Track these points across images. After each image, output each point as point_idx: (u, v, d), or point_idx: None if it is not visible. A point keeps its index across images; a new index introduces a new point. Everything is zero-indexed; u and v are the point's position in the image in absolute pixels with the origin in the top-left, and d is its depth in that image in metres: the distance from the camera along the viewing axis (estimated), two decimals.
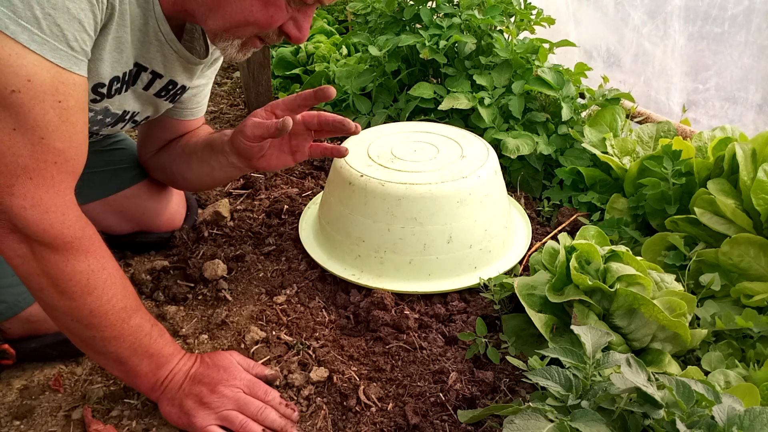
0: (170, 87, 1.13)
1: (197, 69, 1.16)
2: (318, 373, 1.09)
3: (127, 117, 1.13)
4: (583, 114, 1.84)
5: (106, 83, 0.98)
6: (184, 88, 1.17)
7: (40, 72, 0.78)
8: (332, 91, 1.09)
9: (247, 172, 1.55)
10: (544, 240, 1.47)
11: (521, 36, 1.96)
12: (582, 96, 1.94)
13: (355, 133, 1.14)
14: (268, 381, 1.06)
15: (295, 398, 1.07)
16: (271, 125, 1.08)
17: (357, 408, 1.04)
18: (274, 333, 1.20)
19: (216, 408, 0.97)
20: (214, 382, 0.98)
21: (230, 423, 0.97)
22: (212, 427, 0.96)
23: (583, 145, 1.66)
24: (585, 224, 1.41)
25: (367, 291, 1.29)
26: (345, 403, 1.05)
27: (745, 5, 1.83)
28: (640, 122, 1.91)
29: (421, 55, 1.86)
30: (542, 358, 0.97)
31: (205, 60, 1.16)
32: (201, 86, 1.30)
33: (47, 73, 0.78)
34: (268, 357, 1.15)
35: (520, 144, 1.66)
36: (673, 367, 1.04)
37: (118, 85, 1.01)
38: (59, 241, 0.84)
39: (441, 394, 1.05)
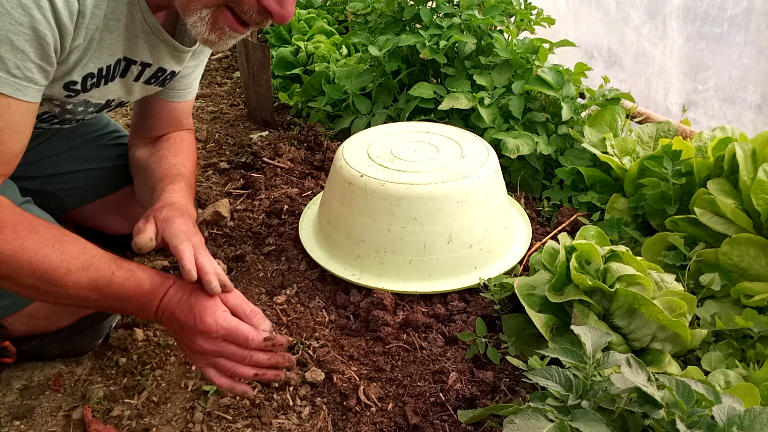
0: (159, 74, 1.16)
1: (185, 56, 1.19)
2: (318, 373, 1.09)
3: (113, 104, 1.17)
4: (583, 114, 1.84)
5: (79, 81, 1.01)
6: (173, 73, 1.20)
7: None
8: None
9: None
10: (544, 240, 1.47)
11: (521, 36, 1.96)
12: (582, 96, 1.94)
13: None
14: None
15: (295, 398, 1.07)
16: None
17: (357, 408, 1.04)
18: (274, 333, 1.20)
19: (207, 356, 0.96)
20: (193, 333, 0.96)
21: (222, 370, 0.96)
22: (206, 369, 0.97)
23: (583, 145, 1.66)
24: (585, 224, 1.41)
25: (367, 291, 1.29)
26: (345, 403, 1.05)
27: (744, 6, 1.83)
28: (640, 122, 1.91)
29: (421, 55, 1.86)
30: (542, 358, 0.97)
31: (193, 48, 1.18)
32: (191, 67, 1.31)
33: None
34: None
35: (520, 144, 1.66)
36: (673, 367, 1.04)
37: (94, 80, 1.04)
38: None
39: (441, 394, 1.05)
